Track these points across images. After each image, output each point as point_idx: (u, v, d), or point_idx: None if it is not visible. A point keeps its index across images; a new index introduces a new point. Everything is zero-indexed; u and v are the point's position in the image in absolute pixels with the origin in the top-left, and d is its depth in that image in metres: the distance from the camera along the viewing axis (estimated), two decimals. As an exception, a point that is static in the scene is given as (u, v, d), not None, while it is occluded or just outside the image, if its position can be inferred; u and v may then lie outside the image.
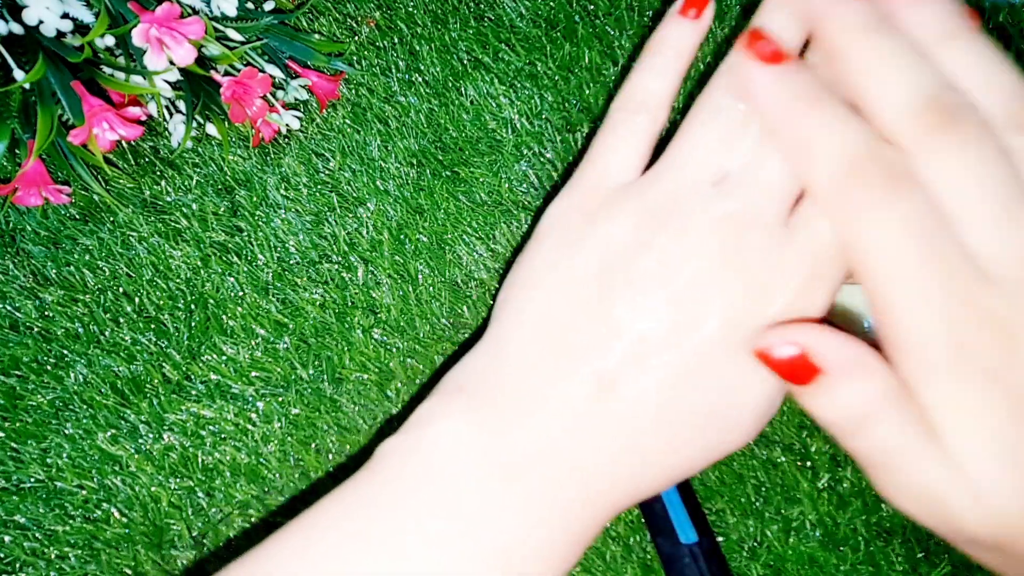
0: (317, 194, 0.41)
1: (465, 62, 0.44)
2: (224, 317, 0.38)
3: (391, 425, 0.38)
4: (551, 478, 0.23)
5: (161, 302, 0.39)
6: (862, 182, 0.21)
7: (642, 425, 0.23)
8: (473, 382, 0.25)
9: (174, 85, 0.38)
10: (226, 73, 0.38)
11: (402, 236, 0.40)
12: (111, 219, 0.40)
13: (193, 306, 0.39)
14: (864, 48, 0.22)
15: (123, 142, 0.41)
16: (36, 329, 0.38)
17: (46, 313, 0.38)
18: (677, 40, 0.27)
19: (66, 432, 0.36)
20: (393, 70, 0.44)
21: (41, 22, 0.34)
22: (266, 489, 0.35)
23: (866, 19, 0.22)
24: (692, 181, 0.24)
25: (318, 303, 0.39)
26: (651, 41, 0.27)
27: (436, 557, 0.23)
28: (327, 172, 0.41)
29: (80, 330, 0.38)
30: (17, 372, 0.37)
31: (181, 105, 0.40)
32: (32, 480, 0.36)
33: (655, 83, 0.27)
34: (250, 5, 0.40)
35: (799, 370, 0.22)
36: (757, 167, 0.24)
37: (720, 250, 0.23)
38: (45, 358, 0.38)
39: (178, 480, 0.35)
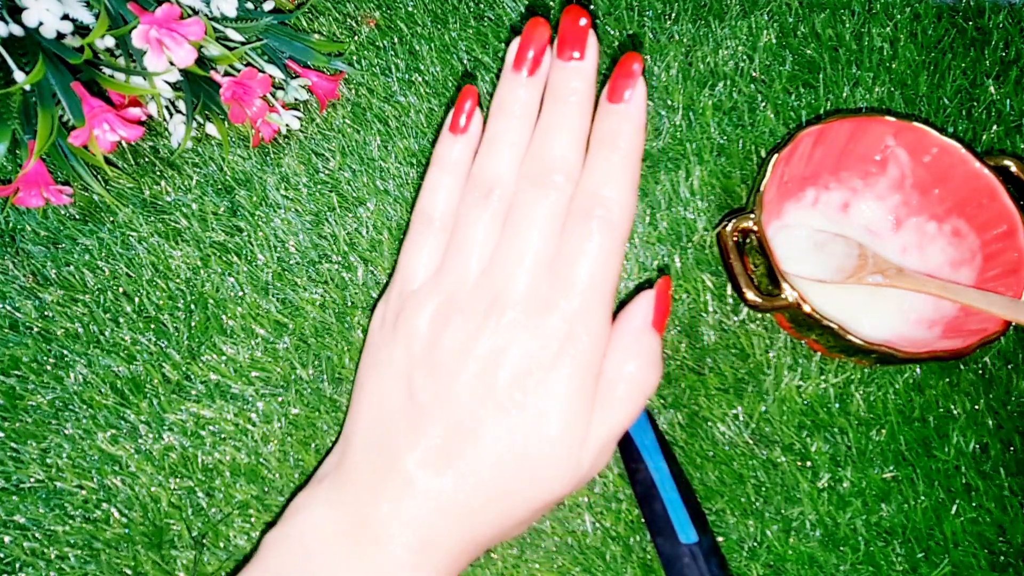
0: (317, 194, 0.41)
1: (465, 62, 0.44)
2: (224, 317, 0.38)
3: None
4: (405, 543, 0.28)
5: (161, 302, 0.39)
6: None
7: (470, 496, 0.28)
8: (331, 471, 0.30)
9: (174, 86, 0.38)
10: (226, 73, 0.38)
11: (402, 236, 0.40)
12: (111, 219, 0.40)
13: (193, 306, 0.39)
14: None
15: (123, 142, 0.41)
16: (36, 329, 0.38)
17: (46, 313, 0.38)
18: (456, 155, 0.32)
19: (66, 432, 0.36)
20: (393, 70, 0.44)
21: (41, 23, 0.34)
22: (266, 489, 0.35)
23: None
24: (465, 278, 0.30)
25: (318, 303, 0.39)
26: (435, 156, 0.32)
27: None
28: (327, 172, 0.42)
29: (80, 330, 0.38)
30: (17, 372, 0.37)
31: (181, 105, 0.40)
32: (32, 480, 0.36)
33: (441, 198, 0.32)
34: (250, 5, 0.40)
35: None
36: (508, 247, 0.30)
37: (493, 335, 0.29)
38: (45, 358, 0.38)
39: (178, 480, 0.36)
